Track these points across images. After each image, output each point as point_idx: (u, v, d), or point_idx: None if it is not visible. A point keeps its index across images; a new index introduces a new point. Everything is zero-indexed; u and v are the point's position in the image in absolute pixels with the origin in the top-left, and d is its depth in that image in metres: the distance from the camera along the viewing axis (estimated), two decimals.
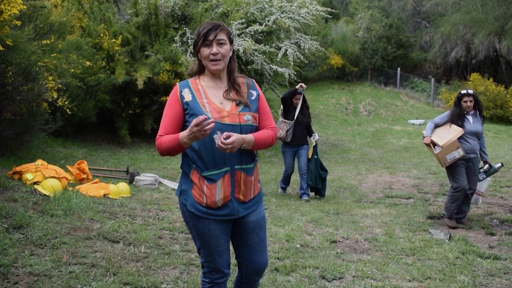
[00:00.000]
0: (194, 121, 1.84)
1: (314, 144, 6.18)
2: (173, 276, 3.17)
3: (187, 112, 2.03)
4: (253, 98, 2.14)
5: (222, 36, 2.03)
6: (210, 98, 2.05)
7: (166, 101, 2.11)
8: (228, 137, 1.92)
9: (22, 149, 6.43)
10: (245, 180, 2.08)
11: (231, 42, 2.09)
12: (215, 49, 2.01)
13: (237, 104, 2.06)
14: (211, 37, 2.01)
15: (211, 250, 2.11)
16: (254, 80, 2.23)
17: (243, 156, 2.05)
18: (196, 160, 2.04)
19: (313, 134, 6.24)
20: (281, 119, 6.14)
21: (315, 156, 6.11)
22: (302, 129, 6.14)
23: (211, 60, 2.03)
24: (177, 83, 2.12)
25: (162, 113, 2.13)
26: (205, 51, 2.02)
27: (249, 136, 2.02)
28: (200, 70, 2.13)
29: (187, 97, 2.04)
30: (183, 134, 1.93)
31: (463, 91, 4.82)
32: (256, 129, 2.12)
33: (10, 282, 2.77)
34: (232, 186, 2.04)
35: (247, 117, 2.05)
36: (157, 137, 2.06)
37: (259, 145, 2.07)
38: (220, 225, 2.09)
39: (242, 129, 2.02)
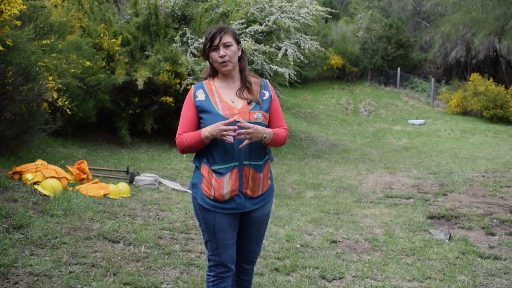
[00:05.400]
0: (224, 122, 2.01)
1: None
2: (173, 276, 3.17)
3: (199, 109, 2.16)
4: (265, 98, 2.24)
5: (228, 39, 2.14)
6: (222, 97, 2.18)
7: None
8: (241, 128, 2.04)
9: (22, 149, 6.43)
10: (254, 176, 2.16)
11: (238, 42, 2.20)
12: (222, 51, 2.13)
13: (249, 103, 2.18)
14: (216, 42, 2.13)
15: (217, 244, 2.19)
16: (267, 81, 2.33)
17: (253, 152, 2.14)
18: (207, 154, 2.15)
19: None
20: None
21: None
22: None
23: (220, 63, 2.15)
24: (192, 85, 2.27)
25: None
26: (214, 55, 2.16)
27: (269, 130, 2.14)
28: (213, 73, 2.26)
29: (201, 96, 2.17)
30: (207, 128, 2.06)
31: None
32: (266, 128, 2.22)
33: (10, 282, 2.77)
34: (240, 181, 2.13)
35: (257, 115, 2.15)
36: (177, 136, 2.18)
37: (276, 141, 2.18)
38: (228, 219, 2.18)
39: None
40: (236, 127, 2.01)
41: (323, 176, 7.99)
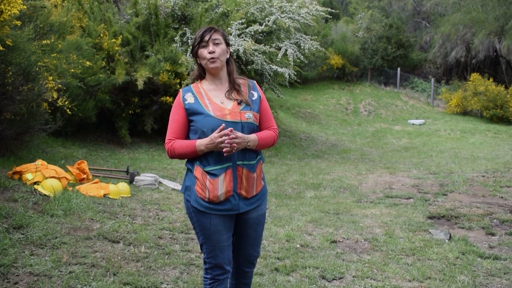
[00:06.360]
0: (218, 132, 2.01)
1: None
2: (173, 276, 3.17)
3: (190, 112, 2.14)
4: (254, 98, 2.24)
5: (217, 36, 2.17)
6: (211, 98, 2.17)
7: (172, 106, 2.24)
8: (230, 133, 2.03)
9: (22, 149, 6.43)
10: (247, 176, 2.15)
11: (227, 43, 2.21)
12: (211, 47, 2.13)
13: (239, 103, 2.17)
14: (206, 38, 2.14)
15: (213, 246, 2.18)
16: (255, 82, 2.34)
17: (246, 152, 2.14)
18: (200, 156, 2.13)
19: None
20: None
21: None
22: None
23: (209, 59, 2.14)
24: (180, 90, 2.26)
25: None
26: (203, 52, 2.16)
27: (253, 136, 2.13)
28: (201, 75, 2.26)
29: (190, 99, 2.17)
30: (202, 142, 2.07)
31: None
32: (256, 128, 2.22)
33: (10, 282, 2.77)
34: (235, 181, 2.12)
35: (248, 115, 2.16)
36: (167, 141, 2.17)
37: (263, 145, 2.19)
38: (223, 220, 2.17)
39: (243, 126, 2.13)
40: (227, 138, 2.01)
41: (323, 176, 7.99)
